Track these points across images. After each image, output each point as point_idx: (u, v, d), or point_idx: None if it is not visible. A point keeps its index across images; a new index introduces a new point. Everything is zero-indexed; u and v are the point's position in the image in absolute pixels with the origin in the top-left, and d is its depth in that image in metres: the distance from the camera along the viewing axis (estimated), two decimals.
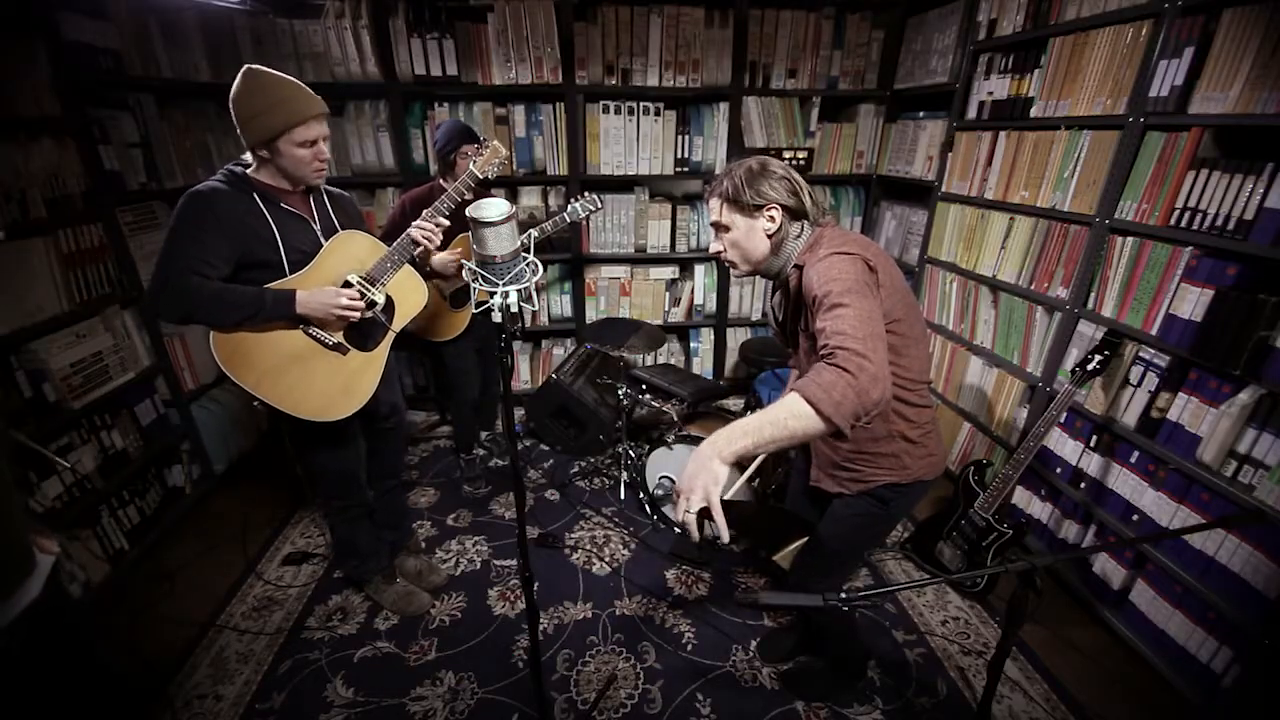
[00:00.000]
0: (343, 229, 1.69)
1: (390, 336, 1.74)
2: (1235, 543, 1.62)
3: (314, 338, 1.63)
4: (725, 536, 0.98)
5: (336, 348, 1.64)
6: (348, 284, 1.64)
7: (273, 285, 1.55)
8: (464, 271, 1.09)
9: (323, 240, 1.64)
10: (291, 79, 1.50)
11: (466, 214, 1.03)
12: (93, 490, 2.15)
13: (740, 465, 2.26)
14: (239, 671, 1.89)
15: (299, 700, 1.80)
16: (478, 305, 1.06)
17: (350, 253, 1.67)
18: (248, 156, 1.56)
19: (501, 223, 1.02)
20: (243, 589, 2.21)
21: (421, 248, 1.77)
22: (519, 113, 2.95)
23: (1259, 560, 1.57)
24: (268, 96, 1.45)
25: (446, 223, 1.83)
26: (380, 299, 1.67)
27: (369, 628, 2.05)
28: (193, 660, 1.92)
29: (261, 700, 1.79)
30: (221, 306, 1.48)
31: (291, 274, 1.58)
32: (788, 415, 0.99)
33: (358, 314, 1.60)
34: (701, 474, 0.98)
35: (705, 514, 0.99)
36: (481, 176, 1.87)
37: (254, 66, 1.47)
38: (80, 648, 1.25)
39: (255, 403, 1.58)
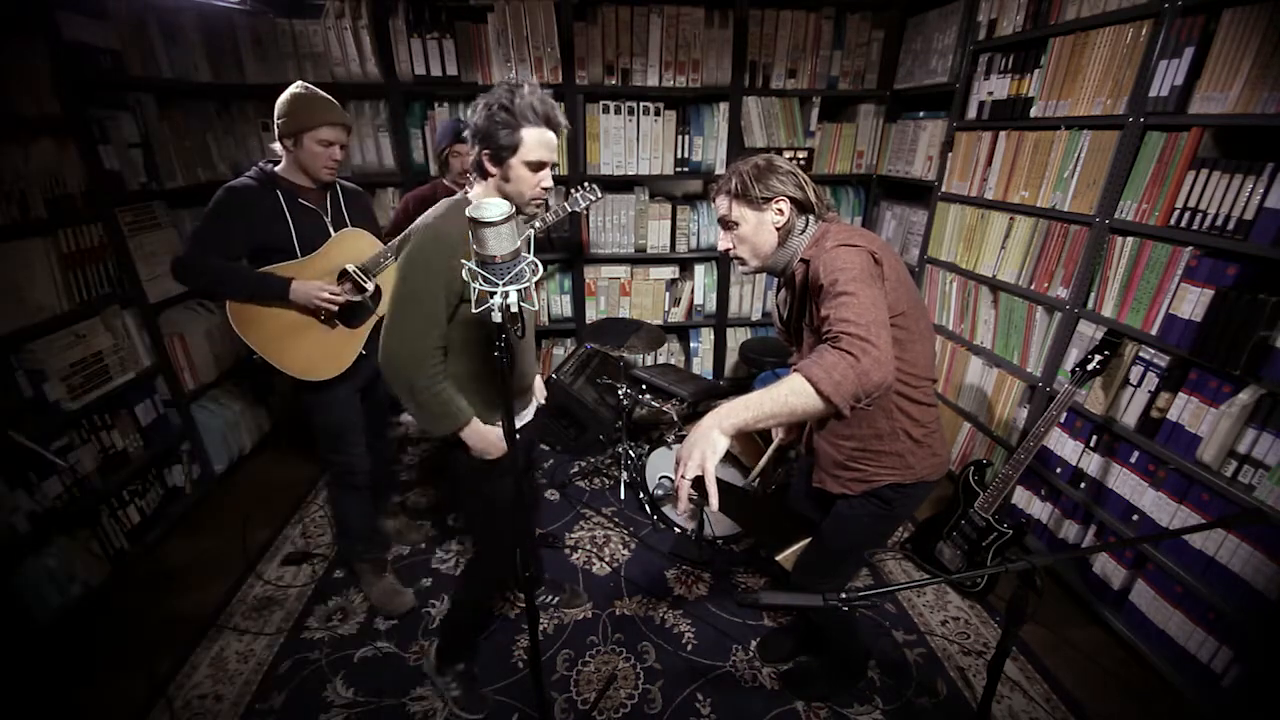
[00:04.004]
0: (352, 221, 1.95)
1: (373, 319, 1.97)
2: (1235, 543, 1.62)
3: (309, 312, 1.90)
4: (715, 505, 1.00)
5: (326, 321, 1.90)
6: (345, 272, 1.88)
7: (282, 266, 1.82)
8: (464, 271, 1.09)
9: (331, 230, 1.89)
10: (330, 97, 1.79)
11: (466, 214, 1.03)
12: (93, 490, 2.15)
13: (743, 468, 2.27)
14: (239, 671, 1.89)
15: (299, 700, 1.80)
16: (477, 305, 1.06)
17: (351, 246, 1.91)
18: (277, 148, 1.81)
19: (501, 223, 1.02)
20: (243, 589, 2.21)
21: None
22: None
23: (1259, 560, 1.57)
24: (308, 102, 1.76)
25: None
26: (371, 287, 1.91)
27: (369, 628, 2.04)
28: (193, 660, 1.92)
29: (261, 700, 1.79)
30: (230, 284, 1.79)
31: (303, 256, 1.85)
32: (788, 392, 1.01)
33: (335, 306, 1.84)
34: (700, 443, 1.00)
35: (700, 486, 1.00)
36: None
37: (306, 82, 1.79)
38: None
39: (255, 357, 1.85)
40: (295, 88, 1.76)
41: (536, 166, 1.35)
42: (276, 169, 1.83)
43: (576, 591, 2.17)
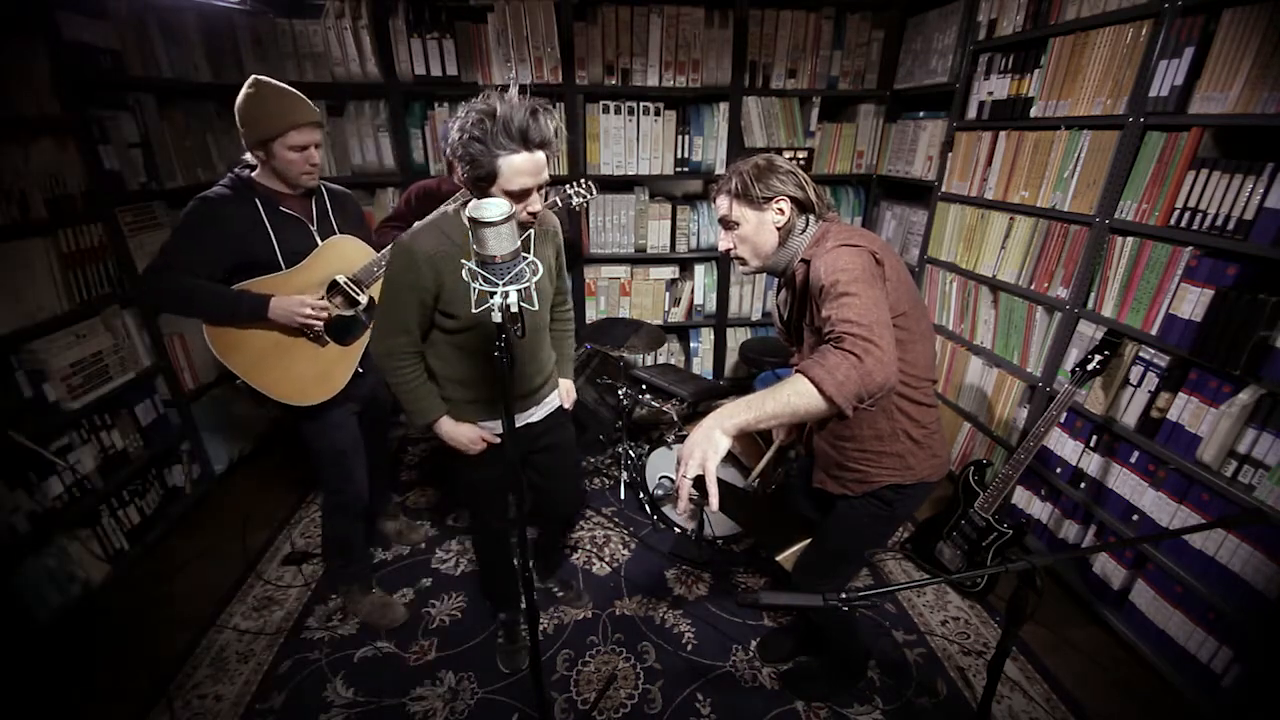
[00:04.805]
0: (341, 227, 1.79)
1: (368, 333, 1.80)
2: (1235, 543, 1.62)
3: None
4: (715, 504, 1.00)
5: (316, 339, 1.75)
6: (335, 284, 1.74)
7: (263, 280, 1.67)
8: (464, 272, 1.09)
9: (318, 239, 1.74)
10: (292, 90, 1.62)
11: (466, 214, 1.03)
12: (93, 490, 2.15)
13: (744, 468, 2.27)
14: (239, 671, 1.89)
15: (299, 700, 1.80)
16: (477, 305, 1.06)
17: (340, 255, 1.76)
18: (249, 157, 1.66)
19: (502, 223, 1.02)
20: (243, 589, 2.21)
21: None
22: None
23: (1259, 560, 1.57)
24: (268, 104, 1.58)
25: None
26: (364, 300, 1.77)
27: (369, 627, 2.04)
28: (193, 660, 1.92)
29: (261, 700, 1.79)
30: (202, 304, 1.63)
31: (288, 269, 1.70)
32: (791, 393, 1.01)
33: (320, 324, 1.70)
34: (702, 442, 1.01)
35: (701, 485, 1.00)
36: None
37: (260, 77, 1.59)
38: None
39: (238, 382, 1.71)
40: (249, 88, 1.58)
41: (519, 195, 1.27)
42: (253, 175, 1.68)
43: (580, 592, 2.17)
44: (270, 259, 1.67)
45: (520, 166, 1.24)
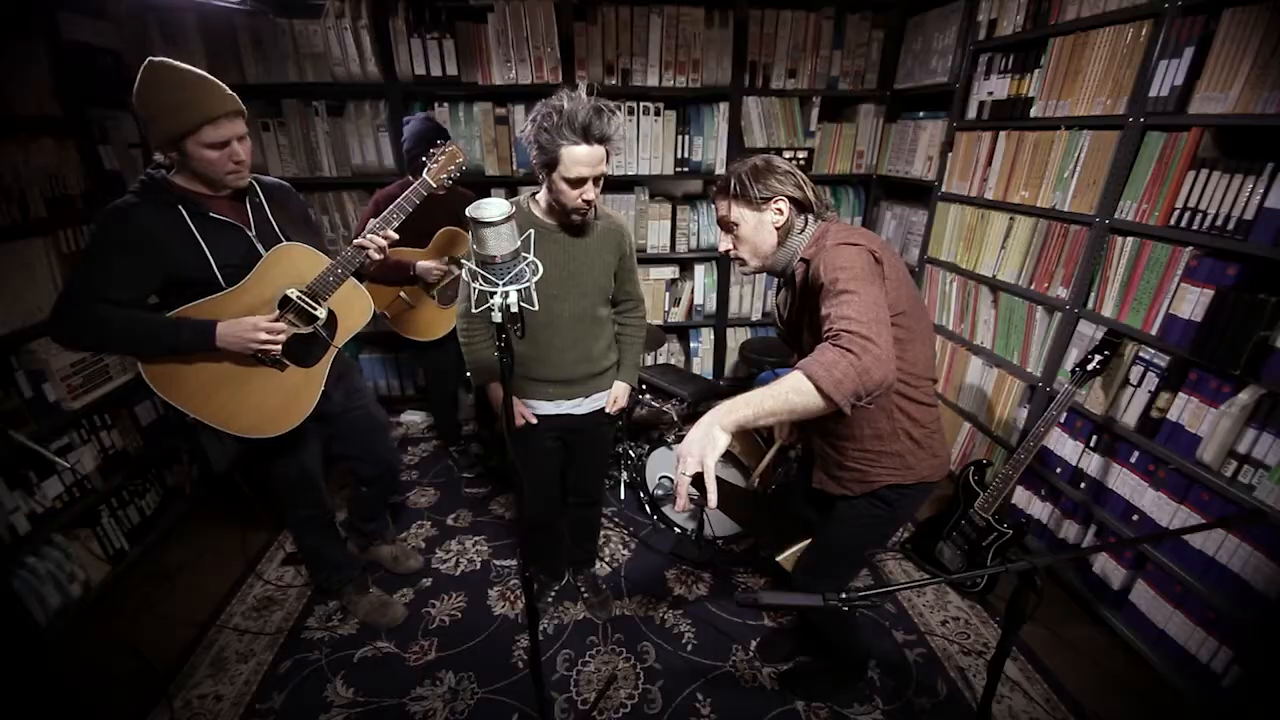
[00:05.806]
0: (282, 228, 1.57)
1: (332, 352, 1.65)
2: (1235, 543, 1.62)
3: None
4: (713, 501, 1.00)
5: (274, 363, 1.55)
6: (287, 299, 1.52)
7: (204, 304, 1.45)
8: (464, 272, 1.09)
9: (259, 248, 1.50)
10: (201, 73, 1.36)
11: (466, 214, 1.03)
12: (93, 490, 2.15)
13: (744, 468, 2.27)
14: (239, 671, 1.89)
15: (299, 700, 1.80)
16: (477, 305, 1.06)
17: (290, 266, 1.54)
18: (161, 157, 1.42)
19: (501, 223, 1.02)
20: (243, 589, 2.21)
21: (365, 255, 1.62)
22: (519, 113, 2.94)
23: (1259, 560, 1.57)
24: (171, 94, 1.32)
25: (395, 236, 1.66)
26: (322, 314, 1.57)
27: (369, 628, 2.04)
28: (193, 660, 1.92)
29: (261, 700, 1.80)
30: (131, 338, 1.40)
31: (228, 287, 1.47)
32: (789, 390, 1.01)
33: (278, 347, 1.49)
34: (701, 439, 1.01)
35: (700, 483, 1.00)
36: (435, 186, 1.77)
37: (157, 60, 1.33)
38: None
39: (189, 419, 1.52)
40: (144, 74, 1.31)
41: (575, 183, 1.43)
42: (170, 175, 1.42)
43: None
44: (206, 275, 1.42)
45: (579, 157, 1.40)
